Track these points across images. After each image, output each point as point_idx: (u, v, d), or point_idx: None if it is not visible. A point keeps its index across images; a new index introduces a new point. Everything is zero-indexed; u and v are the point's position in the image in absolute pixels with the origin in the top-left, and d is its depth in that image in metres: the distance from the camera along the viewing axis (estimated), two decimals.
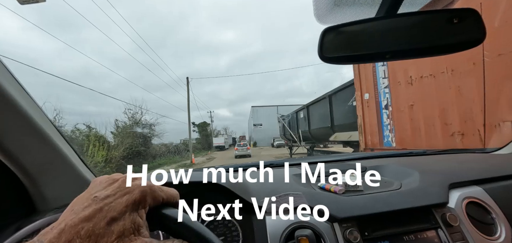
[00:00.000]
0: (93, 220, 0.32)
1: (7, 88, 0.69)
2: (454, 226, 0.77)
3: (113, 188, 0.38)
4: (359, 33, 0.68)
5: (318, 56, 0.67)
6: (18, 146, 0.76)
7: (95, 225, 0.32)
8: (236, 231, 0.83)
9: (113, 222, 0.33)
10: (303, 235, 0.70)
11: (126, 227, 0.34)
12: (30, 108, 0.77)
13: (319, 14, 0.71)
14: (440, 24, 0.63)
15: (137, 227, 0.35)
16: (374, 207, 0.80)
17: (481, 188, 0.91)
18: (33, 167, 0.82)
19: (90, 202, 0.35)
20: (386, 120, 5.14)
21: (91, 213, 0.33)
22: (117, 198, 0.36)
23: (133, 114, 22.15)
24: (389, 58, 0.69)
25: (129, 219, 0.35)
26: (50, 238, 0.30)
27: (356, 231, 0.73)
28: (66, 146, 0.93)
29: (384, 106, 5.16)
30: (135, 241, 0.34)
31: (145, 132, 22.72)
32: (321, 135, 10.76)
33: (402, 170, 1.13)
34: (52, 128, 0.87)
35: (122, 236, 0.33)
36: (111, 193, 0.37)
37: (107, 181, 0.40)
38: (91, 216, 0.33)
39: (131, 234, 0.34)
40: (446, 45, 0.65)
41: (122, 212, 0.35)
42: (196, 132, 56.89)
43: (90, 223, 0.32)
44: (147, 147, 21.75)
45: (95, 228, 0.32)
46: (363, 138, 6.06)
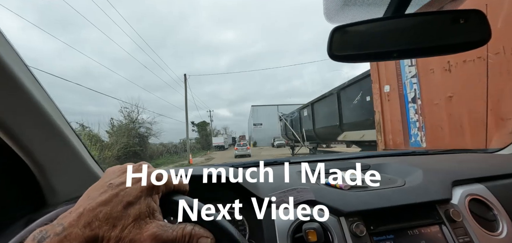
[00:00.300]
0: (110, 204, 0.34)
1: (23, 81, 0.70)
2: (457, 222, 0.79)
3: (128, 174, 0.40)
4: (367, 33, 0.70)
5: (328, 54, 0.70)
6: (32, 137, 0.78)
7: (113, 208, 0.34)
8: (243, 226, 0.85)
9: (130, 206, 0.35)
10: (311, 228, 0.72)
11: (142, 210, 0.36)
12: (43, 100, 0.78)
13: (329, 13, 0.73)
14: (446, 24, 0.66)
15: (152, 211, 0.37)
16: (379, 202, 0.81)
17: (484, 186, 0.93)
18: (46, 159, 0.83)
19: (106, 188, 0.37)
20: (414, 116, 4.28)
21: (107, 198, 0.35)
22: (132, 184, 0.38)
23: (129, 113, 21.77)
24: (396, 57, 0.71)
25: (144, 203, 0.37)
26: (70, 221, 0.32)
27: (362, 225, 0.75)
28: (76, 140, 0.94)
29: (411, 99, 4.31)
30: (150, 224, 0.36)
31: (142, 131, 22.52)
32: (327, 134, 10.04)
33: (405, 168, 1.15)
34: (64, 121, 0.89)
35: (138, 219, 0.35)
36: (125, 180, 0.39)
37: (121, 169, 0.42)
38: (108, 201, 0.35)
39: (147, 217, 0.36)
40: (451, 45, 0.67)
41: (137, 196, 0.37)
42: (196, 132, 56.60)
43: (107, 207, 0.34)
44: (143, 147, 21.53)
45: (113, 211, 0.34)
46: (383, 137, 5.20)
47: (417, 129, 4.21)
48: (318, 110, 10.80)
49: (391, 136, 4.99)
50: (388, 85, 4.93)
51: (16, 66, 0.69)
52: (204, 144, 51.94)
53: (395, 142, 4.87)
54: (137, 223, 0.35)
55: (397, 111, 4.70)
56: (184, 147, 32.79)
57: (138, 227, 0.34)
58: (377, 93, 5.34)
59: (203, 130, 56.33)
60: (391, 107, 4.92)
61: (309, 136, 12.24)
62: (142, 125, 22.68)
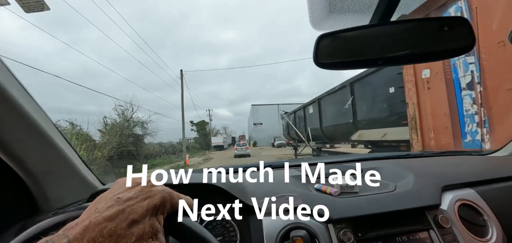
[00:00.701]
0: (116, 221, 0.34)
1: (10, 91, 0.71)
2: (446, 228, 0.79)
3: (136, 191, 0.40)
4: (353, 40, 0.70)
5: (314, 62, 0.70)
6: (22, 147, 0.78)
7: (117, 225, 0.33)
8: (234, 232, 0.85)
9: (134, 224, 0.35)
10: (298, 236, 0.73)
11: (145, 230, 0.35)
12: (33, 110, 0.79)
13: (314, 21, 0.74)
14: (432, 31, 0.66)
15: (155, 232, 0.37)
16: (368, 208, 0.82)
17: (474, 190, 0.92)
18: (37, 168, 0.84)
19: (113, 203, 0.36)
20: (470, 107, 3.19)
21: (114, 213, 0.34)
22: (139, 201, 0.38)
23: (123, 111, 20.32)
24: (382, 64, 0.70)
25: (149, 223, 0.36)
26: (75, 234, 0.31)
27: (350, 232, 0.75)
28: (69, 148, 0.95)
29: (466, 85, 3.21)
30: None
31: (137, 130, 21.25)
32: (337, 134, 8.76)
33: (398, 172, 1.14)
34: (55, 130, 0.89)
35: (141, 239, 0.34)
36: (134, 195, 0.38)
37: (129, 183, 0.42)
38: (114, 216, 0.34)
39: (149, 238, 0.35)
40: (437, 52, 0.67)
41: (142, 215, 0.36)
42: (195, 131, 55.44)
43: (112, 223, 0.33)
44: (138, 146, 20.47)
45: (117, 228, 0.33)
46: (419, 137, 4.08)
47: (476, 124, 3.14)
48: (326, 106, 9.52)
49: (432, 134, 3.86)
50: (429, 69, 3.80)
51: (2, 76, 0.69)
52: (203, 143, 49.97)
53: (439, 142, 3.73)
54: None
55: (443, 102, 3.56)
56: (186, 147, 31.83)
57: None
58: (410, 81, 4.21)
59: (202, 130, 54.80)
60: (432, 98, 3.81)
61: (315, 135, 10.91)
62: (137, 123, 21.49)
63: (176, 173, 0.86)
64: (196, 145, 45.98)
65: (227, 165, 1.44)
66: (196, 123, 55.34)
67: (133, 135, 20.45)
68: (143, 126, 22.14)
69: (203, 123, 55.24)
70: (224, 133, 60.48)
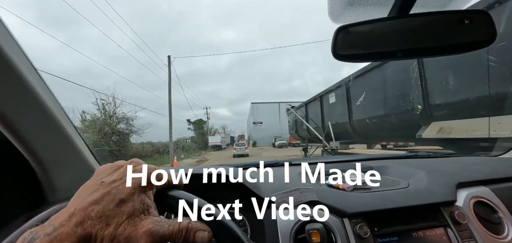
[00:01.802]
0: (102, 203, 0.34)
1: (29, 80, 0.71)
2: (462, 224, 0.78)
3: (119, 172, 0.39)
4: (371, 32, 0.71)
5: (332, 53, 0.70)
6: (36, 135, 0.78)
7: (105, 207, 0.33)
8: (244, 226, 0.85)
9: (122, 203, 0.35)
10: (314, 229, 0.72)
11: (135, 207, 0.36)
12: (48, 99, 0.79)
13: (333, 13, 0.73)
14: (451, 24, 0.65)
15: (146, 207, 0.37)
16: (383, 204, 0.81)
17: (488, 188, 0.92)
18: (48, 157, 0.83)
19: (97, 187, 0.36)
20: None
21: (99, 196, 0.34)
22: (124, 181, 0.38)
23: (103, 105, 17.87)
24: (401, 57, 0.70)
25: (138, 200, 0.36)
26: (61, 220, 0.31)
27: (366, 226, 0.74)
28: (78, 138, 0.94)
29: None
30: (145, 220, 0.35)
31: (121, 127, 18.81)
32: (385, 129, 5.87)
33: (409, 170, 1.13)
34: (67, 119, 0.89)
35: (133, 216, 0.35)
36: (118, 177, 0.38)
37: (112, 167, 0.41)
38: (100, 199, 0.34)
39: (141, 214, 0.36)
40: (456, 45, 0.67)
41: (130, 193, 0.36)
42: (192, 130, 53.58)
43: (99, 205, 0.33)
44: (122, 146, 18.29)
45: (105, 209, 0.33)
46: None
47: None
48: (361, 90, 6.56)
49: None
50: None
51: (23, 66, 0.70)
52: (201, 143, 47.53)
53: None
54: (131, 220, 0.34)
55: None
56: (179, 146, 30.52)
57: (133, 224, 0.34)
58: None
59: (199, 128, 52.75)
60: None
61: (339, 133, 8.30)
62: (122, 120, 18.88)
63: (176, 172, 0.83)
64: (192, 145, 43.59)
65: (227, 164, 1.42)
66: (193, 121, 53.75)
67: (117, 132, 18.37)
68: (128, 122, 19.50)
69: (200, 122, 53.58)
70: (222, 132, 58.63)
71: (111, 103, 18.37)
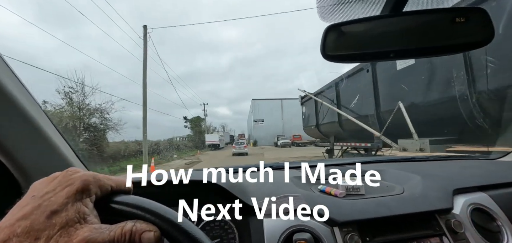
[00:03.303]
0: (31, 217, 0.32)
1: (4, 81, 0.68)
2: (459, 233, 0.75)
3: (53, 184, 0.38)
4: (362, 32, 0.67)
5: (321, 54, 0.67)
6: (16, 142, 0.75)
7: (33, 221, 0.32)
8: (233, 234, 0.82)
9: (54, 214, 0.33)
10: (301, 239, 0.69)
11: (69, 217, 0.34)
12: (26, 101, 0.75)
13: (323, 11, 0.70)
14: (447, 23, 0.61)
15: (82, 216, 0.35)
16: (376, 211, 0.78)
17: (487, 194, 0.88)
18: (29, 164, 0.80)
19: (28, 201, 0.34)
20: None
21: (28, 210, 0.33)
22: (57, 192, 0.36)
23: (70, 94, 14.18)
24: (393, 58, 0.67)
25: (72, 209, 0.35)
26: None
27: (357, 236, 0.71)
28: (63, 143, 0.91)
29: None
30: (81, 229, 0.34)
31: (95, 122, 15.23)
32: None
33: (404, 175, 1.10)
34: (49, 124, 0.86)
35: (66, 226, 0.33)
36: (51, 189, 0.36)
37: (47, 180, 0.39)
38: (28, 214, 0.32)
39: (76, 223, 0.34)
40: (452, 45, 0.63)
41: (63, 204, 0.34)
42: (188, 128, 50.71)
43: (27, 221, 0.32)
44: (97, 145, 14.46)
45: (34, 224, 0.32)
46: None
47: None
48: None
49: None
50: None
51: None
52: (198, 142, 43.81)
53: None
54: (64, 231, 0.33)
55: None
56: (172, 145, 28.38)
57: (66, 235, 0.33)
58: None
59: (196, 126, 49.32)
60: None
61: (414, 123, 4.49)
62: (94, 113, 15.07)
63: (176, 172, 0.81)
64: (188, 144, 40.13)
65: (228, 165, 1.41)
66: (190, 119, 51.32)
67: (90, 127, 14.85)
68: (103, 115, 15.51)
69: (198, 119, 50.89)
70: (222, 130, 55.91)
71: (80, 92, 14.53)
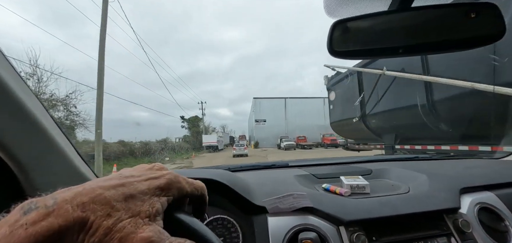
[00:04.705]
0: (112, 191, 0.32)
1: (3, 76, 0.66)
2: (467, 233, 0.73)
3: (140, 170, 0.38)
4: (370, 27, 0.66)
5: (328, 50, 0.66)
6: (14, 137, 0.73)
7: (113, 195, 0.31)
8: (236, 233, 0.81)
9: (131, 199, 0.33)
10: (307, 238, 0.68)
11: (142, 209, 0.33)
12: (25, 96, 0.74)
13: (329, 7, 0.68)
14: (457, 18, 0.61)
15: (155, 213, 0.33)
16: (382, 210, 0.76)
17: (494, 194, 0.87)
18: (28, 160, 0.78)
19: (114, 177, 0.35)
20: None
21: (112, 184, 0.33)
22: (142, 180, 0.36)
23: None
24: (402, 54, 0.66)
25: (148, 202, 0.34)
26: (64, 196, 0.29)
27: (363, 235, 0.70)
28: (62, 138, 0.89)
29: None
30: (148, 226, 0.32)
31: (60, 116, 12.18)
32: None
33: (410, 174, 1.09)
34: (48, 118, 0.84)
35: (137, 217, 0.32)
36: (137, 174, 0.37)
37: (135, 168, 0.40)
38: (111, 187, 0.32)
39: (146, 217, 0.32)
40: (462, 40, 0.62)
41: (143, 192, 0.34)
42: (186, 128, 47.82)
43: (108, 192, 0.31)
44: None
45: (112, 198, 0.31)
46: None
47: None
48: None
49: None
50: None
51: None
52: (195, 143, 40.44)
53: None
54: (133, 220, 0.31)
55: None
56: (166, 146, 26.14)
57: (134, 225, 0.31)
58: None
59: (194, 126, 46.23)
60: None
61: None
62: (56, 104, 11.77)
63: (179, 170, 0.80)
64: (184, 145, 37.03)
65: (228, 164, 1.39)
66: (187, 118, 48.30)
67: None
68: (68, 108, 12.15)
69: (196, 119, 48.03)
70: (222, 130, 52.28)
71: (35, 76, 10.93)
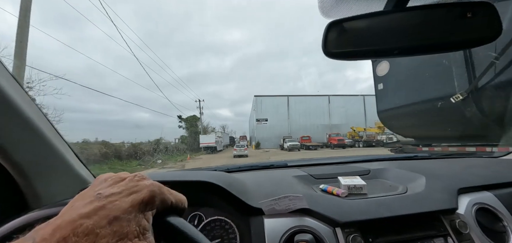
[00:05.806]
0: (94, 218, 0.30)
1: (2, 84, 0.66)
2: (464, 234, 0.73)
3: (120, 186, 0.36)
4: (365, 28, 0.65)
5: (322, 51, 0.65)
6: (12, 141, 0.73)
7: (96, 223, 0.29)
8: (233, 234, 0.81)
9: (116, 221, 0.30)
10: (303, 240, 0.68)
11: (130, 229, 0.31)
12: (24, 102, 0.74)
13: (324, 7, 0.68)
14: (453, 18, 0.60)
15: (142, 231, 0.32)
16: (378, 211, 0.76)
17: (492, 194, 0.86)
18: (27, 164, 0.78)
19: (92, 199, 0.32)
20: None
21: (92, 210, 0.30)
22: (123, 196, 0.34)
23: None
24: (397, 54, 0.65)
25: (134, 221, 0.32)
26: (43, 235, 0.28)
27: (359, 237, 0.70)
28: (61, 142, 0.90)
29: None
30: None
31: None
32: None
33: (407, 174, 1.08)
34: (48, 124, 0.84)
35: (125, 239, 0.30)
36: (117, 191, 0.34)
37: (114, 178, 0.37)
38: (92, 213, 0.30)
39: (135, 238, 0.31)
40: (458, 41, 0.62)
41: (126, 211, 0.32)
42: (183, 128, 44.56)
43: (90, 220, 0.29)
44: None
45: (95, 226, 0.29)
46: None
47: None
48: None
49: None
50: None
51: None
52: (193, 143, 37.68)
53: None
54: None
55: None
56: (160, 147, 24.08)
57: None
58: None
59: (192, 126, 43.16)
60: None
61: None
62: None
63: (176, 173, 0.81)
64: (181, 146, 34.58)
65: (227, 164, 1.39)
66: (185, 118, 45.15)
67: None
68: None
69: (194, 118, 44.90)
70: (223, 130, 49.56)
71: None
